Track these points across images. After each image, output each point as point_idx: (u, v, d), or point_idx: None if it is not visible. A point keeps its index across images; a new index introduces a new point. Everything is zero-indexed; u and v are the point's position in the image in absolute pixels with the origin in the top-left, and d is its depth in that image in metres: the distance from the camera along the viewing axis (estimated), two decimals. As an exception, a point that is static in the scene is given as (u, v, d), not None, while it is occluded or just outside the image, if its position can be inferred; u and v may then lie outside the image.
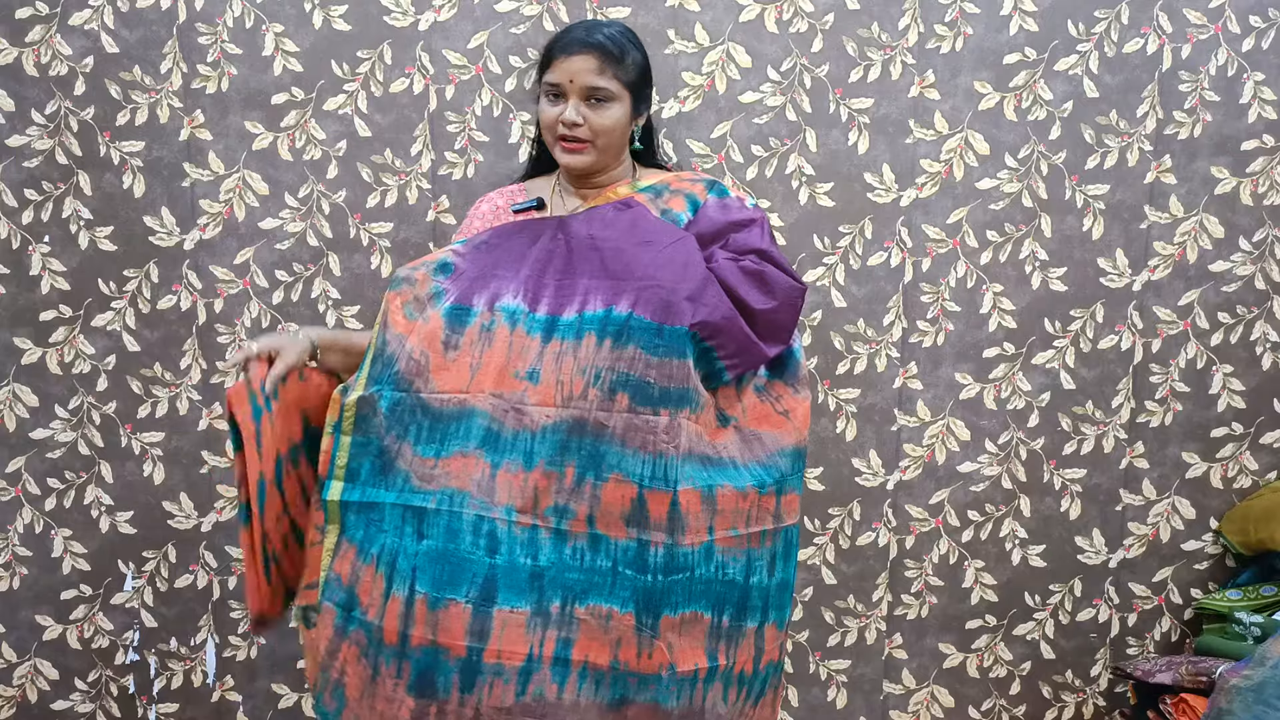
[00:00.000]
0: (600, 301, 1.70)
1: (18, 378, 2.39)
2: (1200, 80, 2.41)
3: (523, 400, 1.68)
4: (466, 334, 1.71)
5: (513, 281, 1.74)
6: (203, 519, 2.46)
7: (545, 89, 1.79)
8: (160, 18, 2.30)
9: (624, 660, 1.67)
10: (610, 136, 1.79)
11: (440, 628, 1.63)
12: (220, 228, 2.37)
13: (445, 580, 1.65)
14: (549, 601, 1.65)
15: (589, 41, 1.75)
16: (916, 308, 2.47)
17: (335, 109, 2.35)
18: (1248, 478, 2.54)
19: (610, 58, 1.75)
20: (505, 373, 1.69)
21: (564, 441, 1.67)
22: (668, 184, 1.87)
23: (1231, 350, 2.50)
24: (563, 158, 1.80)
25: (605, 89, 1.75)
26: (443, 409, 1.70)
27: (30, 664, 2.48)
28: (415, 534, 1.68)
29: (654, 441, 1.67)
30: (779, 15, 2.36)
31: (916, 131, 2.41)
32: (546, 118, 1.79)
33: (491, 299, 1.73)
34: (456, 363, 1.71)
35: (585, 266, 1.73)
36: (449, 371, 1.71)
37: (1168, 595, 2.57)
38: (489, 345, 1.70)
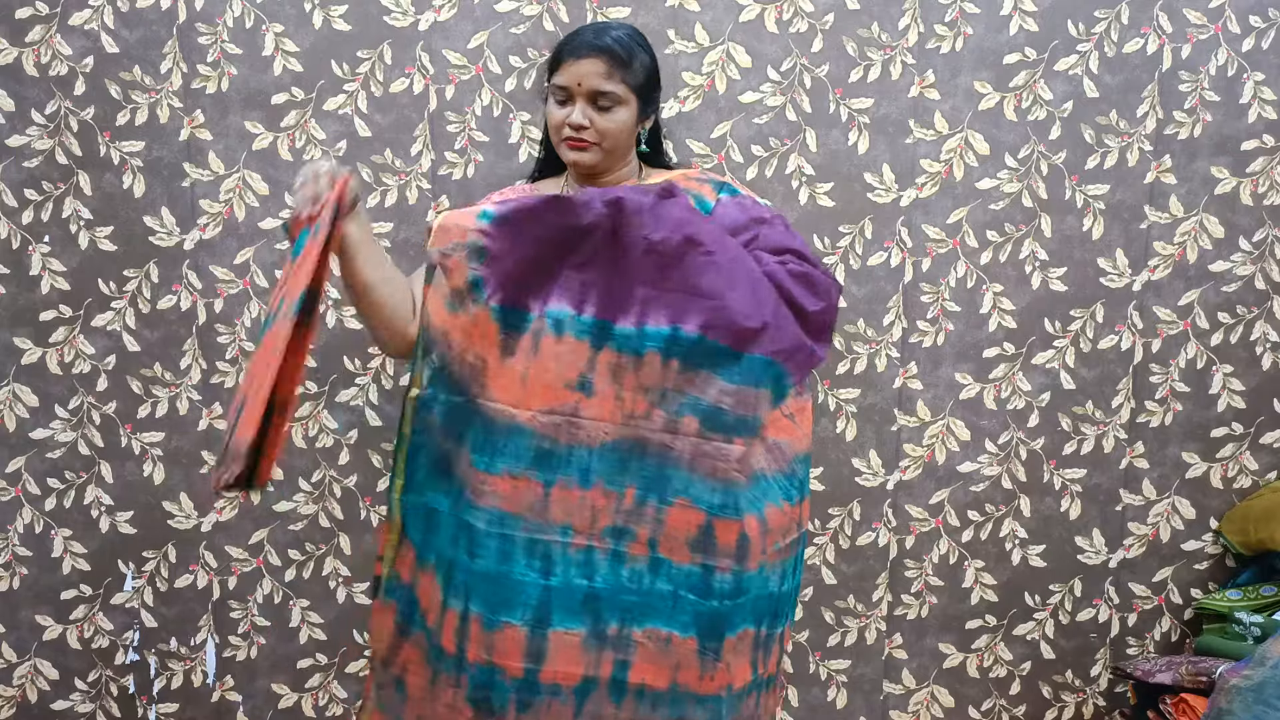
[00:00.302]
0: (664, 317, 1.64)
1: (18, 378, 2.39)
2: (1200, 80, 2.41)
3: (576, 411, 1.64)
4: (521, 342, 1.66)
5: (559, 279, 1.67)
6: (203, 519, 2.46)
7: (553, 91, 1.79)
8: (160, 18, 2.30)
9: (684, 683, 1.67)
10: (616, 139, 1.79)
11: (496, 649, 1.62)
12: (220, 228, 2.37)
13: (499, 602, 1.63)
14: (606, 623, 1.65)
15: (597, 45, 1.74)
16: (916, 308, 2.46)
17: (335, 109, 2.35)
18: (1248, 478, 2.54)
19: (618, 61, 1.75)
20: (555, 386, 1.64)
21: (623, 460, 1.64)
22: (674, 182, 1.87)
23: (1231, 350, 2.50)
24: (568, 155, 1.80)
25: (613, 93, 1.75)
26: (495, 420, 1.65)
27: (30, 664, 2.48)
28: (468, 551, 1.65)
29: (725, 469, 1.65)
30: (779, 15, 2.36)
31: (916, 131, 2.41)
32: (554, 119, 1.79)
33: (543, 302, 1.67)
34: (509, 369, 1.66)
35: (639, 270, 1.65)
36: (503, 379, 1.66)
37: (1168, 595, 2.57)
38: (536, 355, 1.65)
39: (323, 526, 2.47)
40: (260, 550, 2.47)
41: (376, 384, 2.43)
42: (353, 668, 2.52)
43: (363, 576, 2.48)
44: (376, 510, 2.47)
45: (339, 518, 2.47)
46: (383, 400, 2.43)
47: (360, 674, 2.51)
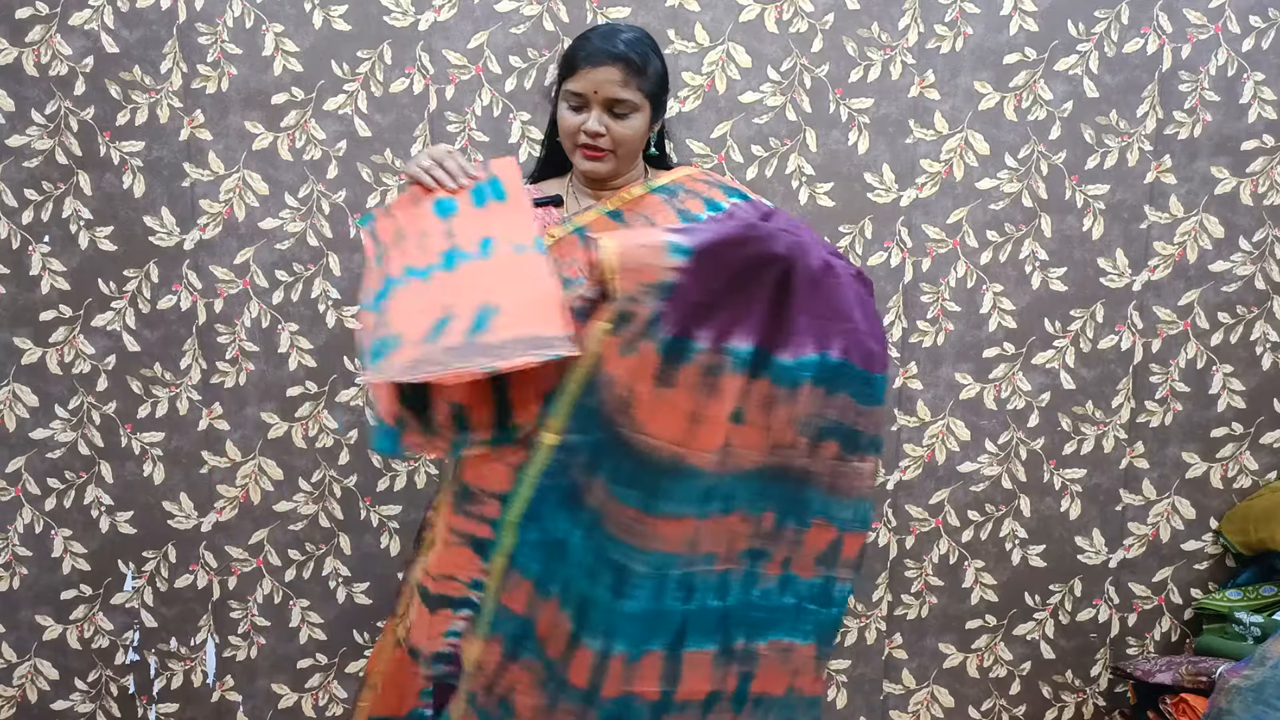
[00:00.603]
0: (811, 345, 1.61)
1: (18, 378, 2.39)
2: (1200, 80, 2.41)
3: (729, 442, 1.59)
4: (683, 373, 1.54)
5: (743, 313, 1.58)
6: (203, 519, 2.46)
7: (566, 96, 1.77)
8: (160, 18, 2.30)
9: (799, 687, 1.72)
10: (631, 146, 1.79)
11: (635, 679, 1.62)
12: (220, 228, 2.37)
13: (645, 637, 1.61)
14: (733, 639, 1.67)
15: (614, 53, 1.73)
16: (916, 308, 2.47)
17: (335, 109, 2.35)
18: (1248, 478, 2.54)
19: (634, 69, 1.74)
20: (719, 421, 1.57)
21: (764, 487, 1.64)
22: (681, 184, 1.86)
23: (1231, 350, 2.50)
24: (583, 164, 1.79)
25: (629, 100, 1.74)
26: (650, 455, 1.55)
27: (30, 664, 2.48)
28: (612, 590, 1.58)
29: (860, 488, 1.69)
30: (779, 15, 2.36)
31: (916, 131, 2.41)
32: (568, 125, 1.77)
33: (718, 335, 1.56)
34: (670, 404, 1.55)
35: (801, 299, 1.60)
36: (661, 414, 1.55)
37: (1168, 595, 2.57)
38: (714, 394, 1.55)
39: (323, 526, 2.47)
40: (260, 550, 2.47)
41: (376, 384, 2.43)
42: (353, 668, 2.52)
43: (362, 577, 2.48)
44: (377, 510, 2.47)
45: (339, 518, 2.47)
46: (383, 400, 2.43)
47: (360, 674, 2.51)
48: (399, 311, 1.55)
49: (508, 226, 1.61)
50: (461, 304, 1.53)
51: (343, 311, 2.41)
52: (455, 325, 1.51)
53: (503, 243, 1.59)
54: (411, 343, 1.50)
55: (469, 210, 1.65)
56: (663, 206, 1.83)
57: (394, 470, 2.46)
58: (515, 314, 1.51)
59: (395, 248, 1.63)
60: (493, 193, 1.69)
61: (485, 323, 1.51)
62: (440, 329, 1.51)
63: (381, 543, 2.48)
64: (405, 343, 1.51)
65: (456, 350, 1.48)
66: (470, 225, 1.63)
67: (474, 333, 1.50)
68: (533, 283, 1.55)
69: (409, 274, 1.58)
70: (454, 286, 1.55)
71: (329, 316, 2.41)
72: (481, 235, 1.60)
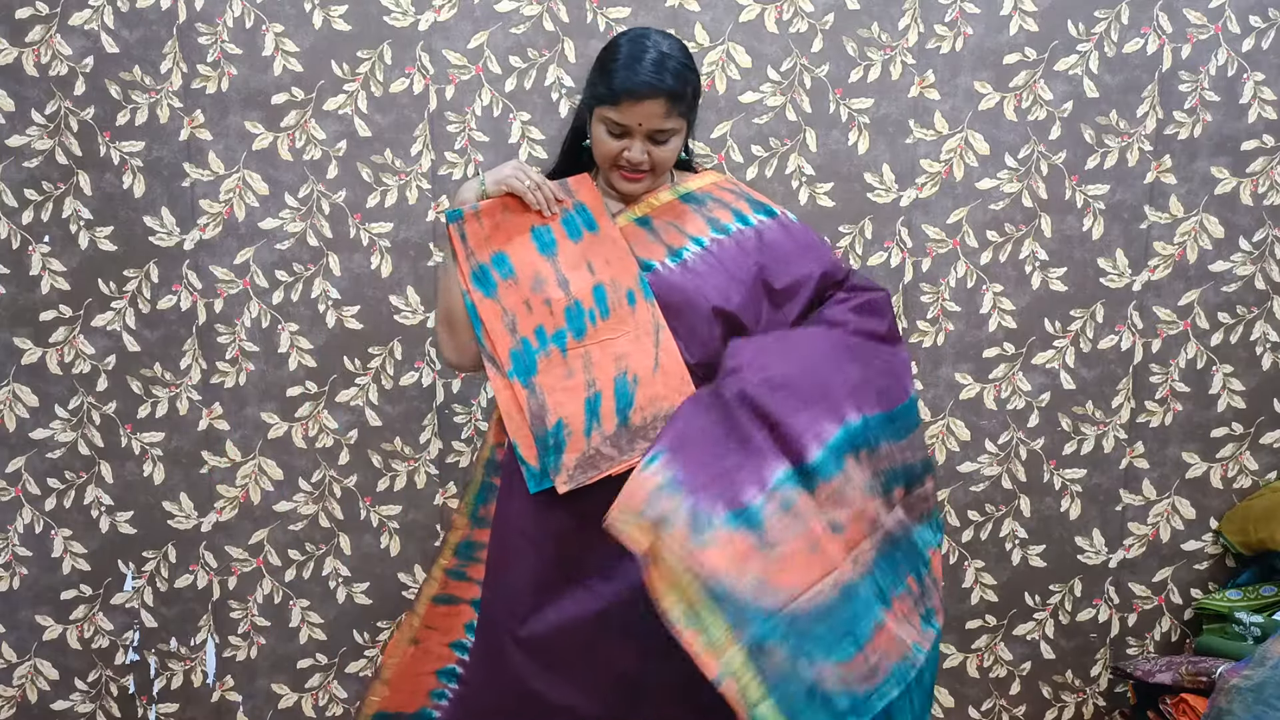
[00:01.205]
0: (831, 426, 1.67)
1: (18, 378, 2.39)
2: (1200, 80, 2.41)
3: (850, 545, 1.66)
4: (771, 527, 1.59)
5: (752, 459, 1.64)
6: (203, 519, 2.46)
7: (607, 123, 1.73)
8: (160, 18, 2.30)
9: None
10: (668, 165, 1.80)
11: None
12: (220, 228, 2.37)
13: None
14: None
15: (660, 88, 1.69)
16: (916, 308, 2.47)
17: (335, 109, 2.35)
18: (1248, 478, 2.54)
19: (678, 99, 1.71)
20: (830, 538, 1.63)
21: (892, 559, 1.71)
22: (709, 192, 1.86)
23: (1231, 350, 2.50)
24: (622, 185, 1.79)
25: (671, 128, 1.74)
26: (812, 608, 1.59)
27: (30, 664, 2.48)
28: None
29: (930, 506, 1.82)
30: (779, 15, 2.36)
31: (916, 131, 2.41)
32: (608, 149, 1.74)
33: (761, 483, 1.62)
34: (791, 556, 1.60)
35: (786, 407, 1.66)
36: (792, 568, 1.59)
37: (1168, 595, 2.57)
38: (802, 521, 1.62)
39: (323, 526, 2.47)
40: (260, 550, 2.47)
41: (376, 384, 2.43)
42: (353, 667, 2.52)
43: (362, 577, 2.49)
44: (377, 510, 2.47)
45: (339, 518, 2.47)
46: (382, 401, 2.43)
47: (360, 674, 2.52)
48: (550, 389, 1.72)
49: (610, 266, 1.75)
50: (602, 375, 1.72)
51: (343, 312, 2.40)
52: (605, 406, 1.72)
53: (613, 292, 1.75)
54: (577, 434, 1.71)
55: (568, 246, 1.76)
56: (691, 214, 1.83)
57: (394, 470, 2.46)
58: (650, 385, 1.72)
59: (509, 286, 1.76)
60: (585, 222, 1.78)
61: (628, 395, 1.72)
62: (594, 413, 1.71)
63: (381, 543, 2.48)
64: (570, 434, 1.71)
65: (614, 439, 1.71)
66: (576, 268, 1.75)
67: (622, 412, 1.71)
68: (651, 340, 1.73)
69: (544, 342, 1.74)
70: (589, 357, 1.73)
71: (329, 316, 2.41)
72: (593, 282, 1.74)
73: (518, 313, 1.74)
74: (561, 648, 1.71)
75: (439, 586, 1.99)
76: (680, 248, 1.79)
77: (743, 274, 1.77)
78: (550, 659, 1.72)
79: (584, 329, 1.73)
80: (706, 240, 1.80)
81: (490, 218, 1.75)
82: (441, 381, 2.44)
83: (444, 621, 2.00)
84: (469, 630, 2.01)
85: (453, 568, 1.98)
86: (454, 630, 2.01)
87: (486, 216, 1.75)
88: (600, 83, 1.73)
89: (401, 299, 2.40)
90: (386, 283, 2.40)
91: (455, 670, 2.02)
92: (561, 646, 1.71)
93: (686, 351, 1.74)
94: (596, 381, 1.72)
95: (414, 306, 2.41)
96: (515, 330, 1.74)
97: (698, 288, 1.75)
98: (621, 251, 1.76)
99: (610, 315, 1.73)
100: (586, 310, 1.73)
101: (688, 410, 1.68)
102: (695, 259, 1.78)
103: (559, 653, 1.71)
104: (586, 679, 1.71)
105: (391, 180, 2.37)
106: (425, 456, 2.45)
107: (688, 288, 1.75)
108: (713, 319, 1.74)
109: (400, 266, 2.40)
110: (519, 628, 1.73)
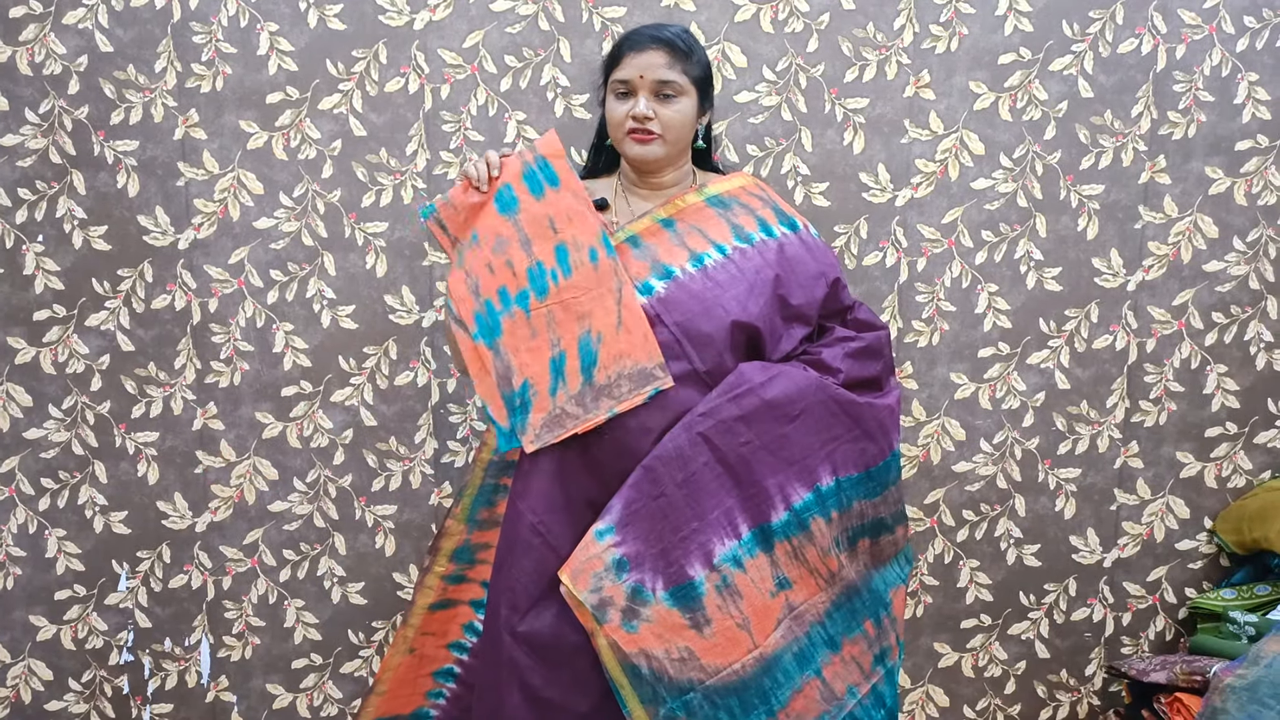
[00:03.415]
0: (802, 488, 1.72)
1: (11, 377, 2.38)
2: (1194, 80, 2.41)
3: (791, 607, 1.72)
4: (708, 605, 1.66)
5: (710, 526, 1.68)
6: (197, 519, 2.45)
7: (613, 87, 1.79)
8: (154, 17, 2.29)
9: None
10: (679, 131, 1.80)
11: None
12: (215, 227, 2.37)
13: None
14: None
15: (659, 37, 1.76)
16: (912, 307, 2.47)
17: (330, 108, 2.34)
18: (1242, 477, 2.54)
19: (679, 53, 1.77)
20: (768, 604, 1.70)
21: (847, 606, 1.78)
22: (735, 197, 1.87)
23: (1226, 350, 2.50)
24: (633, 149, 1.79)
25: (675, 83, 1.76)
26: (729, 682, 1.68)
27: (24, 664, 2.47)
28: None
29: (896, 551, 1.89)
30: (774, 15, 2.36)
31: (912, 131, 2.41)
32: (616, 115, 1.79)
33: (706, 558, 1.67)
34: (720, 634, 1.67)
35: (758, 468, 1.70)
36: (718, 646, 1.67)
37: (1162, 594, 2.58)
38: (740, 598, 1.68)
39: (318, 526, 2.46)
40: (255, 550, 2.46)
41: (371, 384, 2.42)
42: (348, 668, 2.51)
43: (357, 577, 2.48)
44: (372, 510, 2.46)
45: (334, 518, 2.46)
46: (378, 400, 2.43)
47: (355, 674, 2.51)
48: (515, 349, 1.72)
49: (572, 224, 1.74)
50: (566, 334, 1.71)
51: (338, 311, 2.40)
52: (569, 365, 1.70)
53: (575, 251, 1.71)
54: (542, 393, 1.71)
55: (530, 204, 1.75)
56: (716, 219, 1.83)
57: (389, 470, 2.46)
58: (614, 343, 1.70)
59: (473, 250, 1.75)
60: (546, 177, 1.76)
61: (592, 354, 1.70)
62: (559, 371, 1.71)
63: (376, 543, 2.48)
64: (536, 394, 1.71)
65: (579, 397, 1.70)
66: (538, 226, 1.74)
67: (587, 371, 1.70)
68: (614, 298, 1.71)
69: (506, 302, 1.72)
70: (552, 316, 1.72)
71: (324, 316, 2.40)
72: (555, 241, 1.72)
73: (480, 275, 1.74)
74: (558, 645, 1.72)
75: (435, 595, 1.99)
76: (702, 253, 1.79)
77: (761, 284, 1.78)
78: (546, 655, 1.72)
79: (546, 288, 1.71)
80: (729, 248, 1.80)
81: (462, 199, 1.76)
82: (437, 381, 2.43)
83: (441, 626, 2.01)
84: (467, 630, 2.02)
85: (450, 574, 1.99)
86: (451, 632, 2.01)
87: (458, 200, 1.76)
88: (608, 60, 1.81)
89: (396, 298, 2.40)
90: (381, 282, 2.40)
91: (453, 670, 2.03)
92: (558, 644, 1.72)
93: (698, 359, 1.73)
94: (561, 340, 1.71)
95: (409, 306, 2.41)
96: (478, 293, 1.73)
97: (717, 298, 1.75)
98: (584, 205, 1.75)
99: (573, 274, 1.71)
100: (549, 270, 1.72)
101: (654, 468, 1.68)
102: (716, 267, 1.78)
103: (555, 650, 1.72)
104: (581, 677, 1.71)
105: (387, 180, 2.37)
106: (420, 456, 2.45)
107: (707, 297, 1.75)
108: (730, 329, 1.74)
109: (395, 266, 2.39)
110: (519, 622, 1.73)
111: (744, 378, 1.72)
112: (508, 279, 1.73)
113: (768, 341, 1.77)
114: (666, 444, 1.69)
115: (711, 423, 1.69)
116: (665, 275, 1.76)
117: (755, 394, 1.70)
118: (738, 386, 1.71)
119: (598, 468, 1.73)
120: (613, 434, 1.71)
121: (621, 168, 1.89)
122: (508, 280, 1.72)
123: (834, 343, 1.82)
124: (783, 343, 1.80)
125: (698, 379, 1.73)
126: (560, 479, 1.74)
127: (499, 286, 1.73)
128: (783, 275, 1.79)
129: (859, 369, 1.81)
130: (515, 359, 1.71)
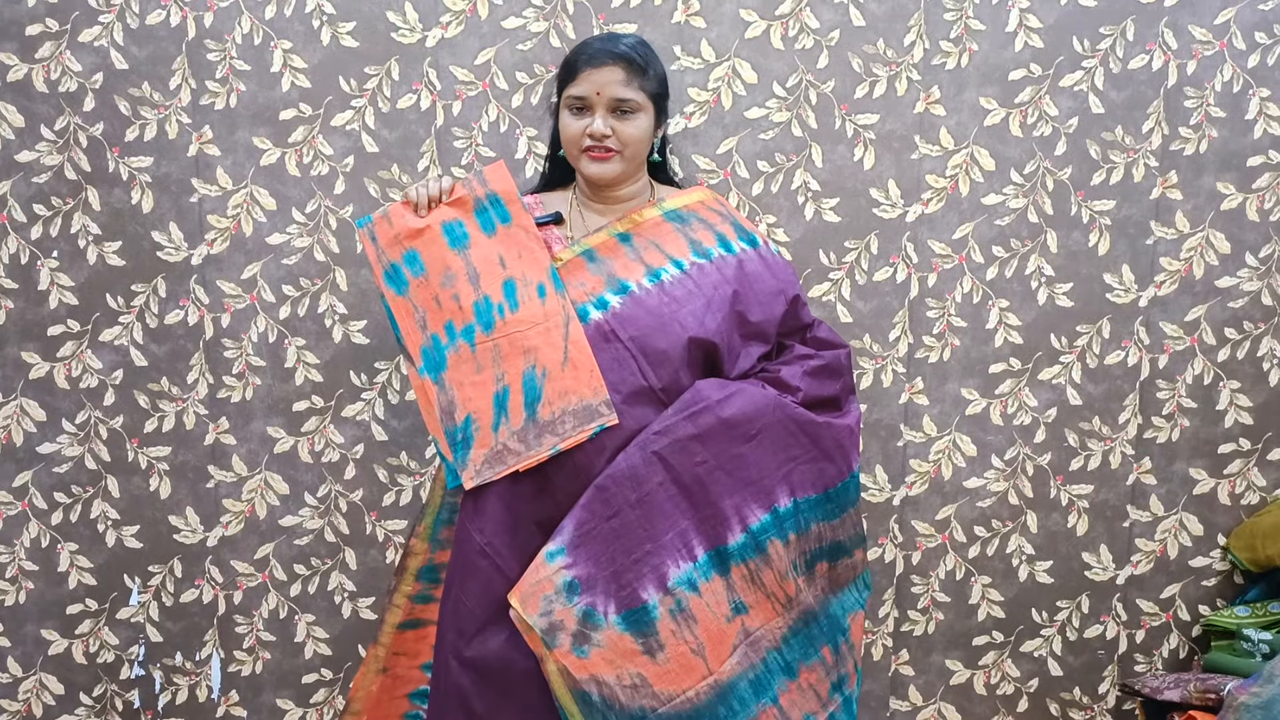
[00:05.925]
0: (759, 509, 1.69)
1: (25, 392, 2.40)
2: (1206, 96, 2.41)
3: (748, 632, 1.69)
4: (661, 629, 1.63)
5: (664, 548, 1.65)
6: (208, 533, 2.46)
7: (569, 102, 1.77)
8: (169, 34, 2.31)
9: None
10: (636, 147, 1.78)
11: None
12: (228, 243, 2.38)
13: None
14: None
15: (615, 53, 1.74)
16: (922, 323, 2.46)
17: (343, 125, 2.36)
18: (1255, 494, 2.53)
19: (636, 68, 1.74)
20: (723, 629, 1.66)
21: (805, 633, 1.75)
22: (694, 212, 1.85)
23: (1238, 366, 2.49)
24: (590, 168, 1.78)
25: (632, 100, 1.74)
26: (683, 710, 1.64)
27: (35, 679, 2.48)
28: None
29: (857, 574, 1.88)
30: (785, 31, 2.37)
31: (922, 147, 2.41)
32: (571, 131, 1.77)
33: (659, 581, 1.64)
34: (673, 660, 1.64)
35: (715, 489, 1.67)
36: (671, 672, 1.64)
37: (1175, 612, 2.56)
38: (694, 623, 1.65)
39: (328, 541, 2.47)
40: (266, 565, 2.47)
41: (383, 399, 2.43)
42: (358, 683, 2.51)
43: (368, 591, 2.48)
44: (382, 525, 2.47)
45: (345, 532, 2.47)
46: (389, 415, 2.43)
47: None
48: (459, 384, 1.71)
49: (522, 260, 1.74)
50: (511, 369, 1.69)
51: (349, 326, 2.41)
52: (513, 400, 1.68)
53: (523, 286, 1.71)
54: (484, 429, 1.69)
55: (481, 240, 1.74)
56: (674, 234, 1.81)
57: (400, 485, 2.46)
58: (559, 379, 1.68)
59: (420, 283, 1.74)
60: (497, 214, 1.76)
61: (536, 389, 1.68)
62: (503, 407, 1.69)
63: (387, 557, 2.48)
64: (478, 429, 1.70)
65: (521, 434, 1.68)
66: (488, 262, 1.73)
67: (530, 406, 1.68)
68: (560, 334, 1.70)
69: (453, 337, 1.71)
70: (498, 350, 1.71)
71: (336, 331, 2.41)
72: (504, 277, 1.71)
73: (428, 309, 1.73)
74: (506, 671, 1.69)
75: (404, 614, 1.96)
76: (659, 268, 1.77)
77: (719, 300, 1.75)
78: (494, 681, 1.69)
79: (492, 323, 1.70)
80: (686, 264, 1.78)
81: (400, 218, 1.76)
82: (447, 396, 2.44)
83: (413, 646, 1.98)
84: None
85: (417, 593, 1.96)
86: (423, 653, 1.97)
87: (396, 217, 1.76)
88: (562, 71, 1.79)
89: (408, 314, 2.41)
90: None
91: (428, 691, 2.01)
92: (506, 670, 1.69)
93: (654, 375, 1.70)
94: (505, 375, 1.69)
95: (420, 321, 2.41)
96: (425, 327, 1.73)
97: (674, 314, 1.73)
98: (535, 243, 1.74)
99: (520, 309, 1.70)
100: (495, 304, 1.71)
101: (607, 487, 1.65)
102: (673, 282, 1.76)
103: (503, 676, 1.69)
104: (529, 705, 1.69)
105: (399, 196, 2.38)
106: (431, 471, 2.45)
107: (664, 313, 1.73)
108: (687, 346, 1.72)
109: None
110: (465, 647, 1.71)
111: (700, 395, 1.69)
112: (454, 313, 1.72)
113: (725, 358, 1.75)
114: (620, 463, 1.65)
115: (666, 441, 1.66)
116: (621, 290, 1.74)
117: (712, 412, 1.67)
118: (694, 404, 1.68)
119: (549, 488, 1.70)
120: (565, 453, 1.68)
121: (577, 180, 1.87)
122: (454, 314, 1.72)
123: (793, 360, 1.80)
124: (740, 360, 1.77)
125: (653, 396, 1.70)
126: (510, 499, 1.71)
127: (445, 321, 1.72)
128: (741, 291, 1.77)
129: (818, 388, 1.78)
130: (459, 393, 1.70)
